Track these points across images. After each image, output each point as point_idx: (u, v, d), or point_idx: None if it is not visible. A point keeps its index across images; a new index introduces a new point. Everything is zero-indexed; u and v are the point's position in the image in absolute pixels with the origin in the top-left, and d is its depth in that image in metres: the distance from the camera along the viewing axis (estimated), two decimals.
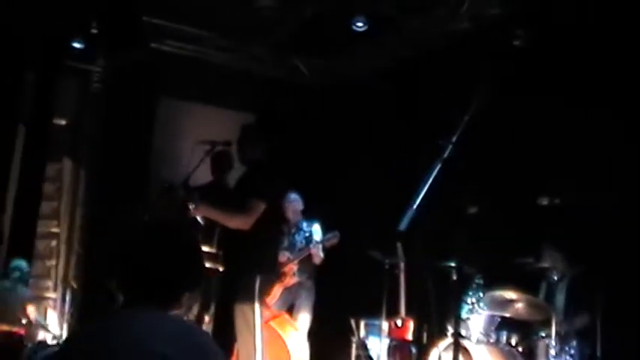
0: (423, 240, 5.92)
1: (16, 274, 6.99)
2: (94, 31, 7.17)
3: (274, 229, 4.81)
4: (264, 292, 4.78)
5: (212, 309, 5.77)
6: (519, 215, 5.58)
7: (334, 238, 6.50)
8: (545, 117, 5.52)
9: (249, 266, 4.65)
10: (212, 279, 5.46)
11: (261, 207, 4.68)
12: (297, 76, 8.54)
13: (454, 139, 2.66)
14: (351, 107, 8.12)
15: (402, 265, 6.14)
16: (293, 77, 8.53)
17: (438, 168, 2.60)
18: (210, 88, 8.27)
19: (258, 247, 4.66)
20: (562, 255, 5.33)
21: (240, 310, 4.57)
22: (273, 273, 5.17)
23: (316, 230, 6.72)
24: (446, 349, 5.18)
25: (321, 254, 6.62)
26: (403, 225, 2.47)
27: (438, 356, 5.24)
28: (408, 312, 6.12)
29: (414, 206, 2.49)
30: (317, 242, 6.55)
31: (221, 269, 5.16)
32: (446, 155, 2.62)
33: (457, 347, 3.19)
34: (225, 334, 4.60)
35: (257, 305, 4.57)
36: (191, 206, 4.69)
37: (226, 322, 4.65)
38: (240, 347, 4.57)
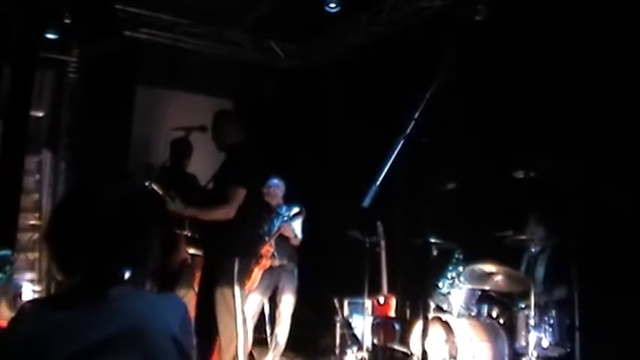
0: (403, 217, 6.00)
1: (7, 267, 6.93)
2: (68, 21, 7.11)
3: (251, 212, 4.80)
4: (244, 275, 4.80)
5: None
6: (496, 189, 5.61)
7: (300, 215, 6.50)
8: (518, 91, 5.55)
9: (227, 249, 4.66)
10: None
11: (241, 193, 4.68)
12: (274, 59, 8.53)
13: (416, 115, 2.67)
14: (328, 88, 8.12)
15: (383, 243, 6.18)
16: (269, 61, 8.52)
17: (400, 144, 2.61)
18: (188, 75, 8.27)
19: (236, 230, 4.65)
20: (544, 227, 5.37)
21: (220, 294, 4.58)
22: (252, 256, 5.18)
23: None
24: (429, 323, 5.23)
25: (299, 235, 6.61)
26: (366, 201, 2.50)
27: (421, 331, 5.28)
28: (390, 289, 6.17)
29: (377, 182, 2.51)
30: (285, 220, 6.47)
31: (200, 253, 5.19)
32: (408, 131, 2.64)
33: (426, 322, 3.22)
34: (208, 319, 4.61)
35: (237, 288, 4.58)
36: (170, 203, 4.66)
37: (208, 307, 4.65)
38: (221, 331, 4.58)
